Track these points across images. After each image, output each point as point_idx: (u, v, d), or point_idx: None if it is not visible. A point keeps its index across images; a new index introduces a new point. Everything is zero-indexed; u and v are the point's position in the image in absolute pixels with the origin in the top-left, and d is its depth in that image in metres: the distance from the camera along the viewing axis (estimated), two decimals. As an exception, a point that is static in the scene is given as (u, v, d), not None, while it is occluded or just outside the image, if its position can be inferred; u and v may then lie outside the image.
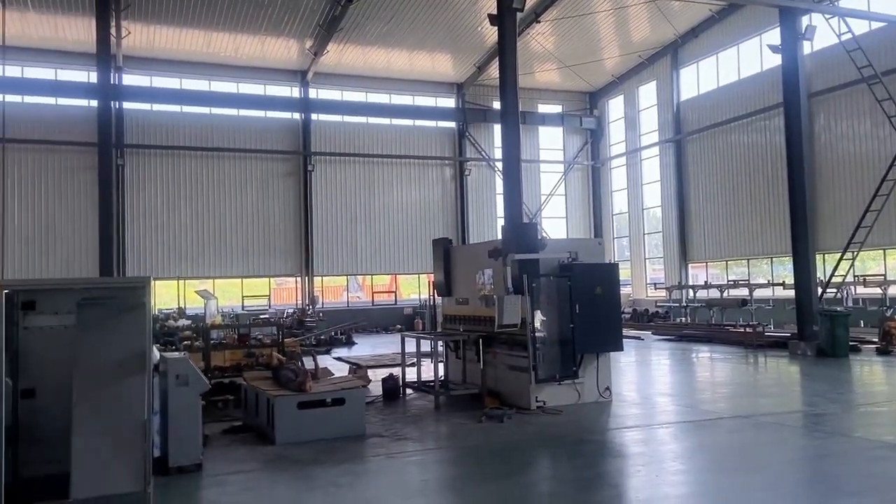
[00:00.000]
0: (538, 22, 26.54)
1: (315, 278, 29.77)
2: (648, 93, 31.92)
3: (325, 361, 16.07)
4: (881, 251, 22.14)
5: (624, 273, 30.69)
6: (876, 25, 21.11)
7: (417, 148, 31.64)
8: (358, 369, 14.36)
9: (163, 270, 26.94)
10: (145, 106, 27.61)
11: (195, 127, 28.24)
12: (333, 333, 24.52)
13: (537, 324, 10.74)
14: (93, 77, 24.57)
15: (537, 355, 10.67)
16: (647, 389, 13.13)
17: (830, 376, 13.76)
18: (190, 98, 28.12)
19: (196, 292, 22.81)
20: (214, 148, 28.39)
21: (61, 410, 6.49)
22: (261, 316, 24.00)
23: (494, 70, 23.00)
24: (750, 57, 26.40)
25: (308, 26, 26.28)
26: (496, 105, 27.89)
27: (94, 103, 22.08)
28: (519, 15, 15.03)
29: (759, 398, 11.80)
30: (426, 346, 13.32)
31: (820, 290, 18.88)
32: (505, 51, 14.23)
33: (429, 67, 30.73)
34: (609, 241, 33.17)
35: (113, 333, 6.57)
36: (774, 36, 20.11)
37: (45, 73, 26.52)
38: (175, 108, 28.14)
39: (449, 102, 32.44)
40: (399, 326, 28.24)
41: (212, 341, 12.46)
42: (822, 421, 9.65)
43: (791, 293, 18.88)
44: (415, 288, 31.73)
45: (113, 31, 22.19)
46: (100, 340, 6.55)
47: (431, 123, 32.06)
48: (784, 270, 24.52)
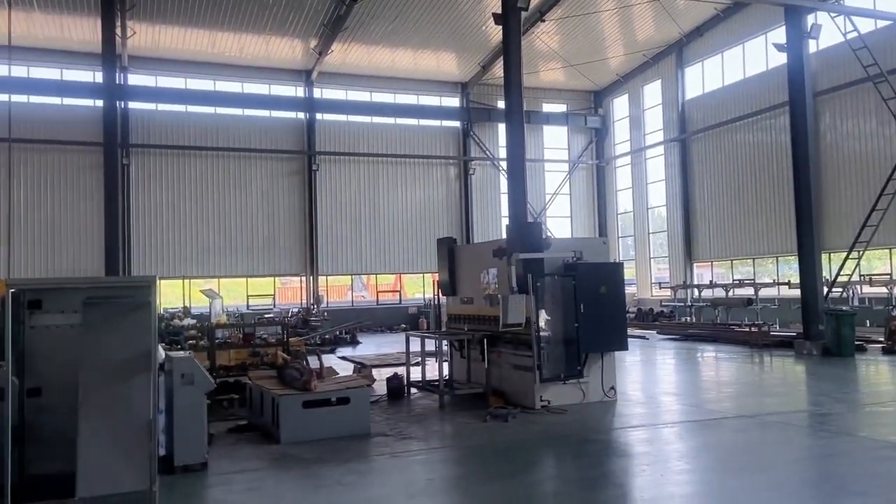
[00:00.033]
0: (543, 21, 26.50)
1: (320, 278, 29.81)
2: (653, 92, 31.87)
3: (330, 361, 16.08)
4: (887, 250, 22.05)
5: (628, 272, 30.61)
6: (882, 24, 21.04)
7: (422, 147, 31.65)
8: (362, 368, 14.39)
9: (168, 270, 27.00)
10: (150, 106, 27.68)
11: (200, 127, 28.30)
12: (338, 333, 24.54)
13: (542, 323, 10.73)
14: (98, 77, 24.66)
15: (542, 355, 10.66)
16: (652, 389, 13.11)
17: (836, 376, 13.73)
18: (195, 98, 28.19)
19: (201, 292, 22.91)
20: (219, 148, 28.45)
21: (67, 409, 6.53)
22: (265, 315, 23.99)
23: (499, 69, 23.00)
24: (755, 56, 26.33)
25: (313, 26, 26.30)
26: (501, 104, 27.94)
27: (100, 103, 22.20)
28: (523, 14, 15.03)
29: (765, 398, 11.79)
30: (431, 346, 13.34)
31: (826, 290, 18.81)
32: (509, 50, 14.23)
33: (433, 67, 30.73)
34: (614, 241, 33.12)
35: (118, 332, 6.60)
36: (780, 34, 20.04)
37: (51, 74, 26.61)
38: (180, 108, 28.21)
39: (453, 102, 32.44)
40: (403, 326, 28.27)
41: (217, 340, 12.47)
42: (828, 420, 9.63)
43: (797, 292, 18.85)
44: (419, 287, 31.74)
45: (118, 31, 22.25)
46: (105, 339, 6.59)
47: (436, 123, 32.07)
48: (789, 270, 24.45)
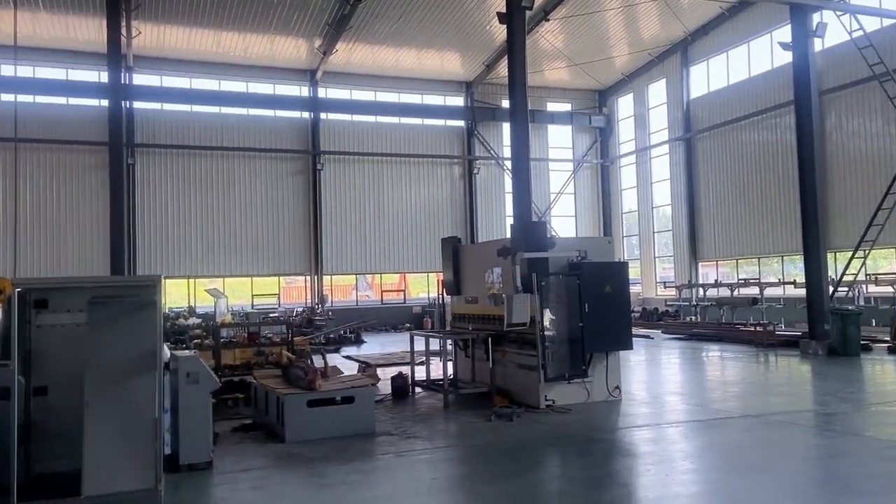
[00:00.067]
0: (547, 20, 26.47)
1: (324, 277, 29.84)
2: (658, 91, 31.80)
3: (335, 360, 16.10)
4: (893, 249, 21.99)
5: (633, 272, 30.58)
6: (888, 22, 20.93)
7: (426, 147, 31.65)
8: (367, 368, 14.40)
9: (173, 269, 27.06)
10: (155, 105, 27.74)
11: (205, 126, 28.36)
12: (342, 332, 24.57)
13: (546, 322, 10.72)
14: (103, 77, 24.70)
15: (546, 354, 10.65)
16: (657, 388, 13.10)
17: (842, 375, 13.68)
18: (200, 97, 28.24)
19: (206, 291, 22.88)
20: (224, 147, 28.51)
21: (73, 408, 6.55)
22: (270, 314, 24.08)
23: (503, 68, 22.98)
24: (760, 54, 26.26)
25: (317, 25, 26.33)
26: (505, 103, 27.94)
27: (105, 103, 22.20)
28: (528, 13, 15.01)
29: (770, 397, 11.76)
30: (435, 345, 13.35)
31: (831, 289, 18.76)
32: (514, 49, 14.21)
33: (437, 66, 30.73)
34: (618, 240, 33.06)
35: (124, 331, 6.63)
36: (785, 33, 19.97)
37: (57, 74, 26.70)
38: (185, 108, 28.26)
39: (458, 101, 32.43)
40: (408, 325, 28.27)
41: (222, 340, 12.49)
42: (833, 420, 9.60)
43: (802, 292, 18.79)
44: (424, 287, 31.75)
45: (123, 31, 22.32)
46: (111, 338, 6.61)
47: (440, 122, 32.08)
48: (795, 269, 24.39)
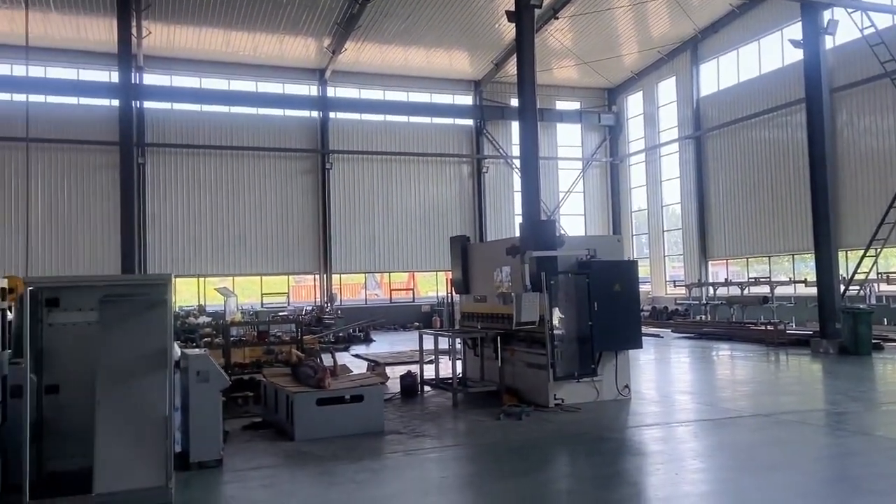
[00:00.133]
0: (556, 18, 26.40)
1: (333, 276, 29.91)
2: (668, 89, 31.68)
3: (344, 359, 16.11)
4: (905, 248, 21.83)
5: (643, 270, 30.20)
6: (900, 19, 20.78)
7: (435, 145, 31.66)
8: (376, 366, 14.43)
9: (183, 268, 27.17)
10: (166, 105, 27.87)
11: (215, 126, 28.46)
12: (352, 331, 24.61)
13: (555, 321, 10.70)
14: (114, 77, 24.83)
15: (555, 353, 10.63)
16: (667, 387, 13.06)
17: (853, 374, 13.60)
18: (209, 97, 28.33)
19: (216, 290, 22.97)
20: (234, 147, 28.61)
21: (84, 406, 6.58)
22: (280, 313, 24.13)
23: (512, 67, 22.91)
24: (771, 52, 26.10)
25: (326, 25, 26.37)
26: (514, 102, 27.88)
27: (116, 103, 22.28)
28: (537, 11, 14.97)
29: (781, 396, 11.70)
30: (444, 344, 13.35)
31: (842, 288, 18.65)
32: (523, 48, 14.18)
33: (446, 65, 30.72)
34: (628, 239, 32.99)
35: (135, 330, 6.67)
36: (796, 30, 19.85)
37: (68, 73, 26.85)
38: (195, 108, 28.37)
39: (466, 100, 32.41)
40: (417, 324, 28.27)
41: (232, 338, 12.54)
42: (844, 419, 9.55)
43: (813, 290, 18.68)
44: (432, 285, 31.75)
45: (134, 31, 22.42)
46: (122, 337, 6.65)
47: (449, 121, 32.08)
48: (806, 268, 24.25)
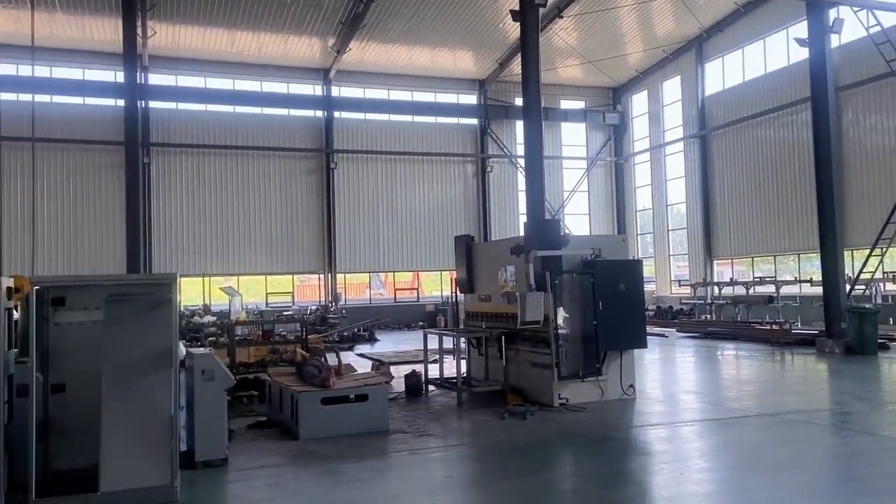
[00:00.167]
0: (561, 17, 26.37)
1: (338, 275, 29.94)
2: (673, 88, 31.62)
3: (348, 358, 16.14)
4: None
5: (648, 270, 30.46)
6: (906, 17, 20.70)
7: (439, 145, 31.66)
8: (381, 366, 14.45)
9: (188, 267, 27.22)
10: (171, 105, 27.93)
11: (219, 125, 28.52)
12: (356, 330, 24.64)
13: (560, 321, 10.70)
14: (119, 77, 24.94)
15: (560, 352, 10.63)
16: (672, 387, 13.03)
17: (858, 374, 13.57)
18: (214, 97, 28.41)
19: (221, 289, 23.05)
20: (238, 146, 28.66)
21: (90, 405, 6.60)
22: (284, 313, 24.14)
23: (516, 66, 22.90)
24: (776, 51, 26.03)
25: (331, 24, 26.39)
26: (518, 101, 27.89)
27: (121, 103, 22.43)
28: (541, 10, 14.96)
29: (786, 396, 11.66)
30: (448, 343, 13.36)
31: (848, 287, 18.59)
32: (527, 47, 14.17)
33: (451, 64, 30.71)
34: (632, 238, 32.93)
35: (140, 329, 6.69)
36: (801, 29, 19.79)
37: (73, 73, 26.92)
38: (200, 107, 28.43)
39: (471, 99, 32.40)
40: (421, 323, 28.27)
41: (237, 337, 12.57)
42: (850, 419, 9.52)
43: (818, 290, 18.63)
44: (437, 285, 31.77)
45: (139, 31, 22.44)
46: (128, 336, 6.67)
47: (453, 120, 32.08)
48: (811, 267, 24.17)
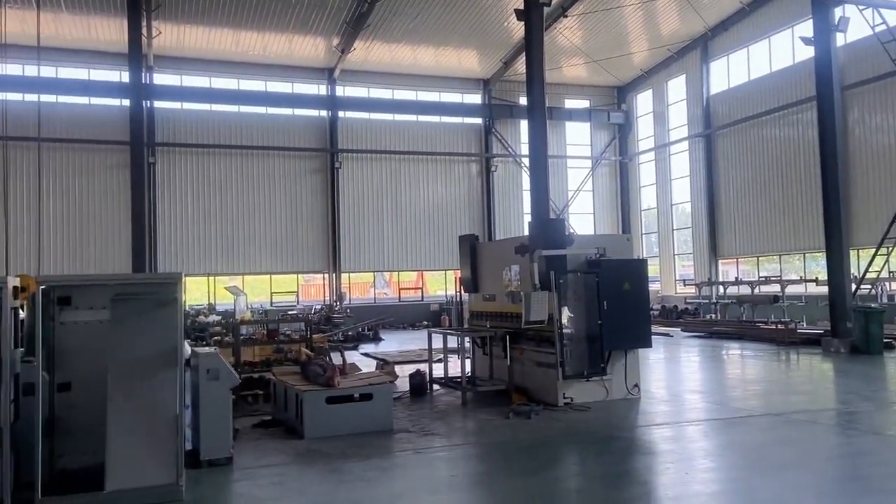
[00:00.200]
0: (565, 16, 26.35)
1: (342, 275, 29.96)
2: (677, 87, 31.56)
3: (353, 357, 16.14)
4: (917, 246, 21.64)
5: (652, 269, 30.37)
6: (912, 16, 20.62)
7: (444, 144, 31.66)
8: (385, 365, 14.44)
9: (193, 267, 27.27)
10: (175, 105, 27.97)
11: (224, 125, 28.56)
12: (360, 329, 24.63)
13: (564, 320, 10.68)
14: (125, 77, 24.98)
15: (565, 351, 10.61)
16: (677, 386, 13.01)
17: (864, 374, 13.53)
18: (219, 97, 28.46)
19: (226, 288, 23.09)
20: (243, 146, 28.70)
21: (96, 404, 6.62)
22: (289, 312, 24.19)
23: (521, 65, 22.93)
24: (781, 49, 25.97)
25: (335, 24, 26.41)
26: (523, 101, 27.84)
27: (126, 102, 22.46)
28: (546, 9, 14.96)
29: (792, 396, 11.63)
30: (453, 343, 13.35)
31: (854, 287, 18.53)
32: (531, 46, 14.17)
33: (455, 64, 30.71)
34: (637, 237, 32.87)
35: (146, 328, 6.71)
36: (807, 28, 19.76)
37: (79, 74, 26.99)
38: (205, 107, 28.47)
39: (475, 98, 32.39)
40: (426, 323, 28.29)
41: (241, 337, 12.59)
42: (856, 419, 9.49)
43: (824, 289, 18.57)
44: (441, 284, 31.77)
45: (144, 32, 22.53)
46: (133, 335, 6.69)
47: (458, 120, 32.08)
48: (817, 266, 24.11)
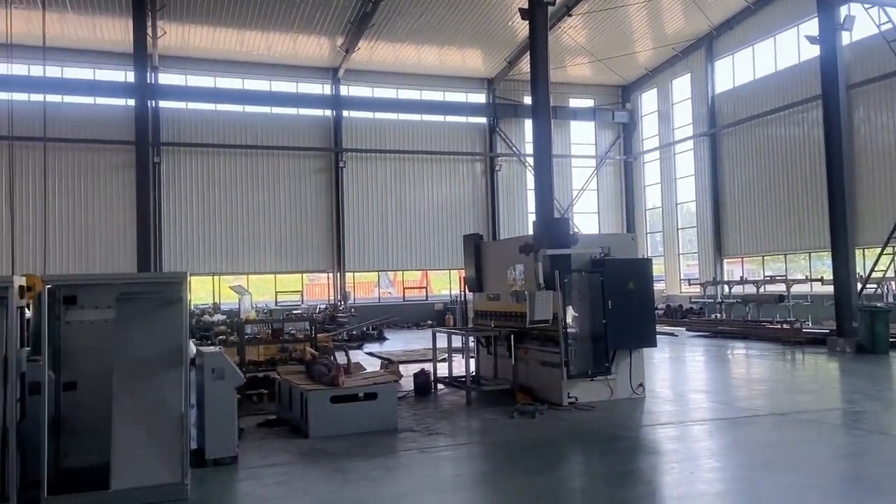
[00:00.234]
0: (570, 15, 26.29)
1: (347, 274, 29.98)
2: (682, 86, 31.48)
3: (357, 356, 16.16)
4: (924, 246, 21.57)
5: (657, 269, 30.37)
6: (918, 14, 20.53)
7: (448, 144, 31.65)
8: (390, 364, 14.45)
9: (198, 266, 27.32)
10: (180, 104, 28.01)
11: (229, 125, 28.60)
12: (365, 329, 24.66)
13: (569, 319, 10.67)
14: (130, 76, 25.06)
15: (569, 351, 10.60)
16: (681, 386, 12.99)
17: (870, 373, 13.49)
18: (224, 96, 28.49)
19: (230, 288, 23.16)
20: (248, 145, 28.75)
21: (101, 403, 6.64)
22: (294, 311, 24.23)
23: (525, 65, 22.93)
24: (787, 48, 25.89)
25: (339, 23, 26.43)
26: (527, 100, 27.84)
27: (132, 102, 22.54)
28: (550, 9, 14.95)
29: (797, 395, 11.60)
30: (457, 342, 13.35)
31: (859, 286, 18.47)
32: (536, 45, 14.17)
33: (459, 63, 30.69)
34: (642, 237, 32.82)
35: (151, 328, 6.73)
36: (812, 27, 19.69)
37: (84, 74, 27.04)
38: (210, 107, 28.52)
39: (479, 98, 32.37)
40: (430, 322, 28.29)
41: (246, 336, 12.61)
42: (861, 419, 9.47)
43: (830, 289, 18.53)
44: (446, 284, 31.78)
45: (149, 32, 22.59)
46: (138, 334, 6.71)
47: (462, 119, 32.07)
48: (822, 265, 24.04)
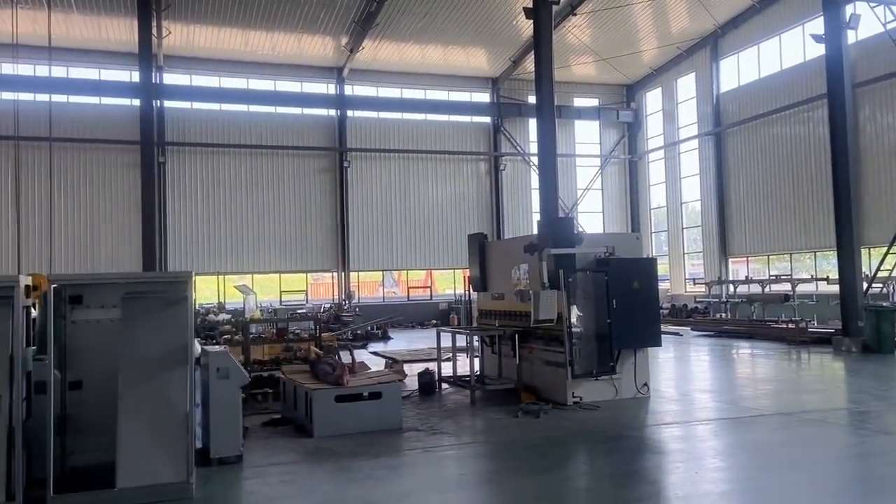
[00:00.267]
0: (574, 14, 26.26)
1: (351, 273, 30.02)
2: (687, 85, 31.42)
3: (362, 356, 16.17)
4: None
5: (662, 268, 30.30)
6: (925, 12, 20.45)
7: (452, 143, 31.65)
8: (394, 364, 14.47)
9: (203, 266, 27.37)
10: (185, 104, 28.07)
11: (234, 124, 28.66)
12: (369, 328, 24.69)
13: (574, 319, 10.67)
14: (135, 76, 25.13)
15: (574, 350, 10.60)
16: (686, 386, 12.97)
17: (876, 373, 13.44)
18: (229, 96, 28.55)
19: (235, 287, 23.22)
20: (252, 145, 28.80)
21: (107, 402, 6.66)
22: (298, 311, 24.24)
23: (530, 64, 22.86)
24: (792, 47, 25.81)
25: (344, 23, 26.45)
26: (531, 99, 27.83)
27: (137, 102, 22.54)
28: (555, 8, 14.95)
29: (802, 395, 11.58)
30: (462, 341, 13.36)
31: (865, 285, 18.42)
32: (540, 44, 14.16)
33: (463, 62, 30.69)
34: (647, 236, 32.79)
35: (156, 327, 6.75)
36: (818, 25, 19.64)
37: (89, 73, 27.14)
38: (214, 107, 28.57)
39: (484, 97, 32.37)
40: (434, 321, 28.29)
41: (251, 335, 12.64)
42: (867, 418, 9.44)
43: (835, 288, 18.47)
44: (450, 283, 31.77)
45: (154, 32, 22.62)
46: (144, 334, 6.73)
47: (466, 118, 32.06)
48: (828, 265, 23.98)
